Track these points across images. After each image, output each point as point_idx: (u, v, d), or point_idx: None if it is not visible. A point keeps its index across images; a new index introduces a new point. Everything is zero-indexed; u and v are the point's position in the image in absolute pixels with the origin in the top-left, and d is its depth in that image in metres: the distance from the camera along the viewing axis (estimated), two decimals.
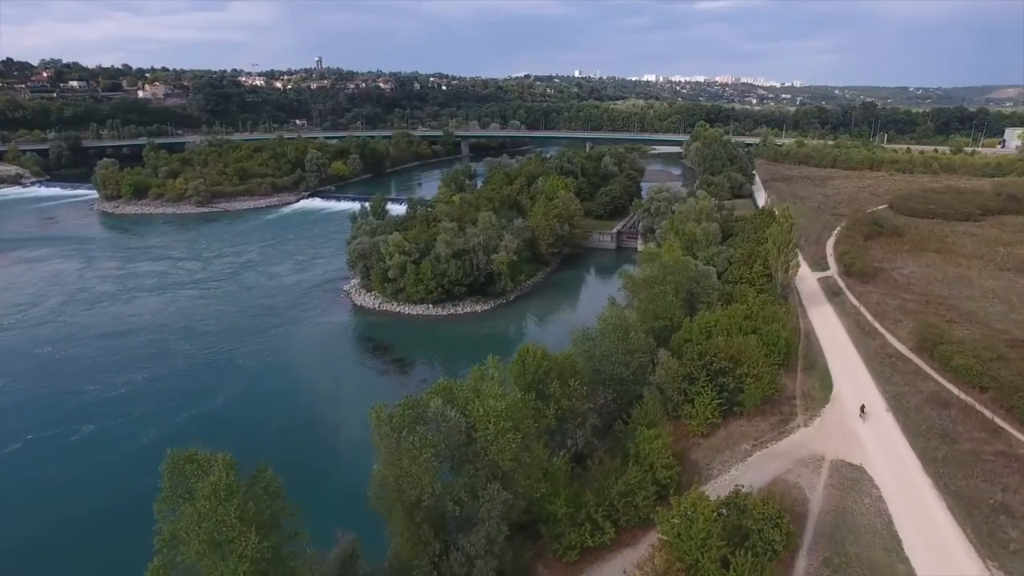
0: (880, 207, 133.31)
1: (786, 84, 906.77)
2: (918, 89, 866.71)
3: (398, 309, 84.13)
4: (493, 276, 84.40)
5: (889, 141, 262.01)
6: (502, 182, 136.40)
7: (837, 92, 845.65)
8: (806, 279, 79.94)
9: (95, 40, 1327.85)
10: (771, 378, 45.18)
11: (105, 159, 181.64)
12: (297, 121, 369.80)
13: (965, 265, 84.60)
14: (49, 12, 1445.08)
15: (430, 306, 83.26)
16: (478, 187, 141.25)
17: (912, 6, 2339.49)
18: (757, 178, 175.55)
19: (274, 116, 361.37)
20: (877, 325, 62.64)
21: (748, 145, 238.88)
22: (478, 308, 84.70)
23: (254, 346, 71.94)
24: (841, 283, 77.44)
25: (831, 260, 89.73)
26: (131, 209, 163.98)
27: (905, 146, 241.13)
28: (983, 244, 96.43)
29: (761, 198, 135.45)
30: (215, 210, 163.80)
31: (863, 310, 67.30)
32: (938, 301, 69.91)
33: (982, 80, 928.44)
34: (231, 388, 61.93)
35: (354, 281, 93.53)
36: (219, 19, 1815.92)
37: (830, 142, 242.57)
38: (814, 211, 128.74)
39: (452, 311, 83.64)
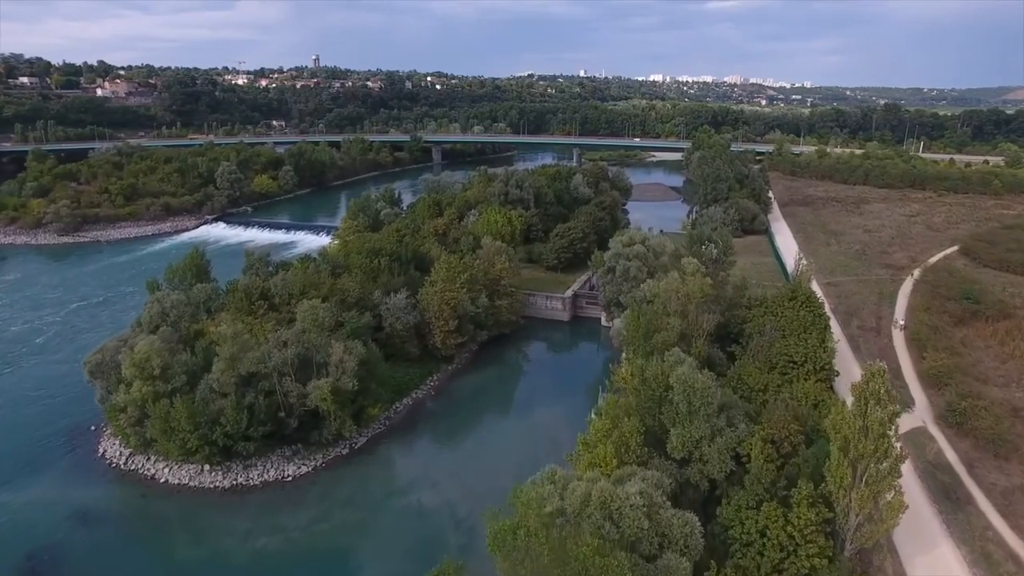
0: (949, 251, 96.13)
1: (796, 84, 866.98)
2: (932, 90, 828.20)
3: (151, 471, 47.51)
4: (319, 413, 47.81)
5: (923, 149, 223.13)
6: (427, 213, 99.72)
7: (848, 93, 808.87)
8: None
9: (104, 39, 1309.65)
10: None
11: None
12: (274, 122, 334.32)
13: None
14: (58, 11, 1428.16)
15: (204, 468, 46.81)
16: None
17: (922, 6, 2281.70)
18: (774, 201, 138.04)
19: (249, 117, 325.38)
20: None
21: (760, 154, 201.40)
22: (289, 471, 47.64)
23: None
24: (952, 457, 40.49)
25: (911, 374, 52.83)
26: None
27: (946, 156, 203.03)
28: None
29: (783, 238, 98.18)
30: (82, 240, 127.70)
31: None
32: None
33: (996, 81, 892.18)
34: None
35: None
36: (227, 18, 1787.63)
37: (856, 151, 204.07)
38: (858, 259, 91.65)
39: (242, 479, 46.74)
